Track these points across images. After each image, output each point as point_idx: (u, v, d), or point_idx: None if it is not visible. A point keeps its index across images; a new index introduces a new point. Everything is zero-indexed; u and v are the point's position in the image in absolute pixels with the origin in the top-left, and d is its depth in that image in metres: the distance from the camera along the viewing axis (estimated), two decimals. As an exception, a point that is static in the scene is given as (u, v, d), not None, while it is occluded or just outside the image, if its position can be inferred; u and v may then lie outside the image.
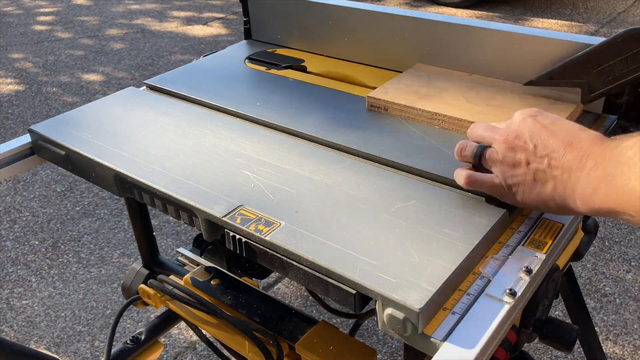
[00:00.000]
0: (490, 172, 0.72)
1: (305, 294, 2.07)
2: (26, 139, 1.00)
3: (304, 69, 1.17)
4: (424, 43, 1.09)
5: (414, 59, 1.11)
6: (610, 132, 0.93)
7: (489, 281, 0.65)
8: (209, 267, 1.04)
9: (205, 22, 4.99)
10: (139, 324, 1.98)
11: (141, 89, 1.14)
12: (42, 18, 5.27)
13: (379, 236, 0.69)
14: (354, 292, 0.63)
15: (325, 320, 0.93)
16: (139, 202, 0.89)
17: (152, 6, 5.50)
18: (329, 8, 1.17)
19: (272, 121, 0.97)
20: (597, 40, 0.90)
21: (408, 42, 1.10)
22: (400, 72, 1.14)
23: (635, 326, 1.86)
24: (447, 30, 1.05)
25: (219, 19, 5.06)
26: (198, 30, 4.77)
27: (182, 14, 5.25)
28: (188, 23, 4.97)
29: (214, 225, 0.75)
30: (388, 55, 1.14)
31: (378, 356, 1.83)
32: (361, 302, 0.63)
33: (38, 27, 5.02)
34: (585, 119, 0.95)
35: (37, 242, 2.40)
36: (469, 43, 1.03)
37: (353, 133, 0.92)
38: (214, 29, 4.79)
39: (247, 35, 1.34)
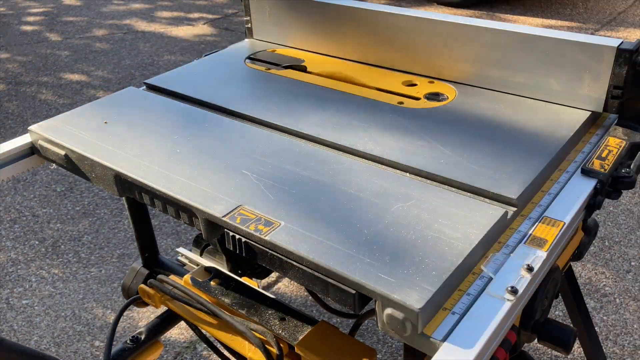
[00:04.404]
0: None
1: (305, 294, 2.06)
2: (26, 138, 1.00)
3: (304, 69, 1.17)
4: (426, 43, 1.09)
5: (415, 58, 1.11)
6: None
7: (491, 279, 0.65)
8: (209, 267, 1.04)
9: (204, 22, 4.99)
10: (139, 324, 1.98)
11: (141, 89, 1.14)
12: (37, 18, 5.27)
13: (378, 236, 0.69)
14: (353, 292, 0.63)
15: (325, 320, 0.93)
16: (139, 202, 0.89)
17: (148, 6, 5.50)
18: (330, 7, 1.17)
19: (272, 121, 0.97)
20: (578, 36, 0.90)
21: (410, 41, 1.10)
22: (401, 71, 1.14)
23: (635, 326, 1.86)
24: (453, 30, 1.05)
25: (217, 19, 5.07)
26: (198, 30, 4.77)
27: (182, 14, 5.25)
28: (188, 23, 4.97)
29: (214, 225, 0.75)
30: (389, 54, 1.14)
31: (378, 356, 1.83)
32: (361, 302, 0.63)
33: (36, 28, 5.02)
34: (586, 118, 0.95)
35: (37, 242, 2.40)
36: (478, 41, 1.03)
37: (353, 133, 0.92)
38: (214, 29, 4.79)
39: (249, 34, 1.34)
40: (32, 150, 1.01)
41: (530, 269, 0.66)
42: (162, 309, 1.17)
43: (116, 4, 5.62)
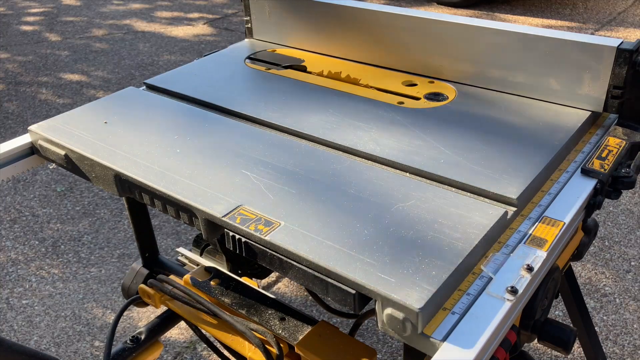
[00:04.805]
0: None
1: (305, 294, 2.06)
2: (26, 138, 1.00)
3: (304, 69, 1.17)
4: (426, 43, 1.09)
5: (415, 58, 1.11)
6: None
7: (491, 279, 0.65)
8: (209, 267, 1.04)
9: (204, 22, 4.99)
10: (139, 324, 1.98)
11: (141, 89, 1.14)
12: (37, 18, 5.27)
13: (378, 236, 0.69)
14: (353, 292, 0.62)
15: (325, 320, 0.93)
16: (139, 202, 0.89)
17: (147, 6, 5.50)
18: (330, 7, 1.17)
19: (272, 121, 0.97)
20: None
21: (410, 41, 1.10)
22: (401, 71, 1.14)
23: (635, 326, 1.86)
24: (453, 30, 1.05)
25: (217, 19, 5.07)
26: (198, 30, 4.77)
27: (182, 14, 5.25)
28: (188, 23, 4.97)
29: (214, 225, 0.75)
30: (389, 54, 1.14)
31: (378, 356, 1.83)
32: (361, 302, 0.63)
33: (35, 28, 5.02)
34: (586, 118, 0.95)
35: (37, 242, 2.40)
36: (478, 41, 1.03)
37: (353, 133, 0.92)
38: (214, 29, 4.79)
39: (249, 34, 1.34)
40: (32, 150, 1.01)
41: (530, 268, 0.66)
42: (162, 309, 1.17)
43: (116, 4, 5.62)
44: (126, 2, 5.68)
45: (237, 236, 0.72)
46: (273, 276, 2.10)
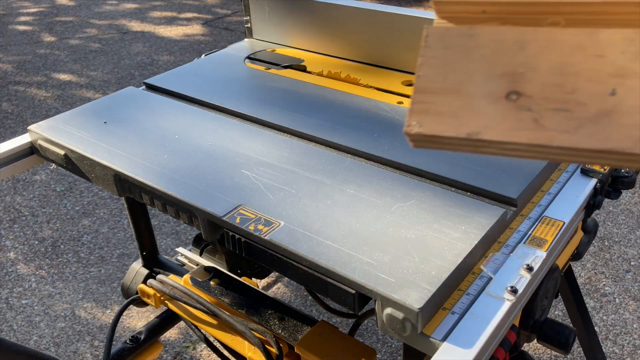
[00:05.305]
0: None
1: (305, 294, 2.06)
2: (25, 138, 1.00)
3: (303, 69, 1.17)
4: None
5: (415, 58, 1.11)
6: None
7: (490, 279, 0.65)
8: (209, 267, 1.04)
9: (203, 22, 4.99)
10: (139, 324, 1.98)
11: (140, 88, 1.14)
12: (34, 18, 5.27)
13: (378, 236, 0.69)
14: (353, 291, 0.63)
15: (325, 320, 0.93)
16: (139, 202, 0.89)
17: (146, 6, 5.50)
18: (330, 7, 1.17)
19: (272, 121, 0.97)
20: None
21: (409, 41, 1.10)
22: (401, 71, 1.14)
23: (635, 326, 1.86)
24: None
25: (217, 19, 5.07)
26: (197, 30, 4.77)
27: (181, 14, 5.25)
28: (188, 23, 4.97)
29: (214, 225, 0.75)
30: (389, 54, 1.14)
31: (378, 356, 1.83)
32: (360, 302, 0.63)
33: (34, 28, 5.02)
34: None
35: (37, 242, 2.40)
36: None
37: (353, 133, 0.92)
38: (213, 29, 4.80)
39: (248, 34, 1.34)
40: (32, 150, 1.01)
41: (530, 268, 0.66)
42: (162, 308, 1.17)
43: (115, 4, 5.62)
44: (125, 2, 5.68)
45: (237, 236, 0.72)
46: (273, 276, 2.10)
